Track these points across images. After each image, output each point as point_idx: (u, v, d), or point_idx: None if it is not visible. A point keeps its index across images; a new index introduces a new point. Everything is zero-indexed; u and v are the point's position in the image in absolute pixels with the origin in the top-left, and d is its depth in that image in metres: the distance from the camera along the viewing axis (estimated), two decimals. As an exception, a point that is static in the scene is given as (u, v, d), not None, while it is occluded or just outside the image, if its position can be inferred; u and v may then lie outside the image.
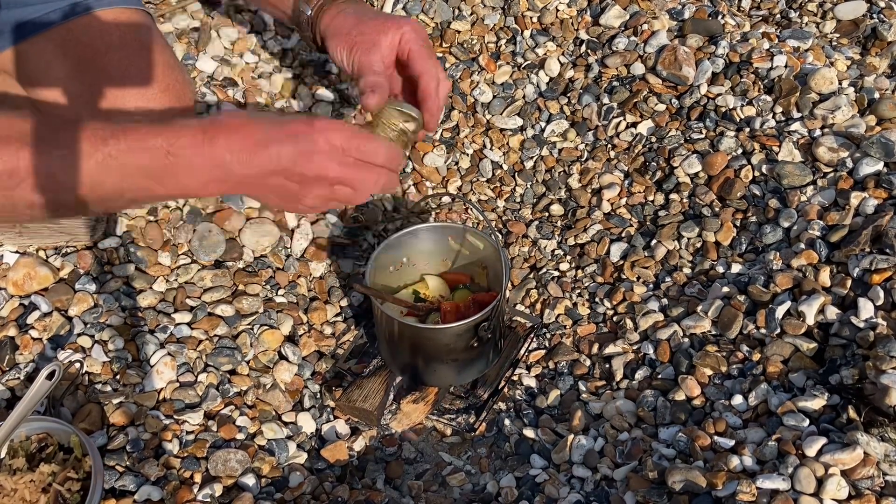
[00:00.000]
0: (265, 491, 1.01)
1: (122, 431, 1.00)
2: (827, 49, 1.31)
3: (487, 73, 1.45)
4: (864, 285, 0.98)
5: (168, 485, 0.96)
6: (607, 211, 1.30)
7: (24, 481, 0.89)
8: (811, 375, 0.95)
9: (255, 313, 1.16)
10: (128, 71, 1.08)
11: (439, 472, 1.09)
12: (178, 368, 1.07)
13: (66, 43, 1.07)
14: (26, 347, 1.05)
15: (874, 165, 1.09)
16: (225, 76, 1.34)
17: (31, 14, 1.06)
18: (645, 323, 1.13)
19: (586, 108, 1.39)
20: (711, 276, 1.14)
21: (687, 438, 0.94)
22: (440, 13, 1.49)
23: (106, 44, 1.08)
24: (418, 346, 1.08)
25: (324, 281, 1.26)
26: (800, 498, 0.81)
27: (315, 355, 1.18)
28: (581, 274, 1.26)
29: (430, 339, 1.06)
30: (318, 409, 1.14)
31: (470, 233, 1.15)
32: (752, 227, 1.15)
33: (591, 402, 1.09)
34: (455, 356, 1.08)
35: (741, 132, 1.24)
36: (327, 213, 1.31)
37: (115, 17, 1.09)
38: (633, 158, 1.32)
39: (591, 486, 0.98)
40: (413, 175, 1.40)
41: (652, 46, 1.37)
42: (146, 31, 1.13)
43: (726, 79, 1.30)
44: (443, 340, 1.06)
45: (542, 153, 1.40)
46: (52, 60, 1.07)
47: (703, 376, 1.02)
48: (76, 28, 1.07)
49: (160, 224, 1.18)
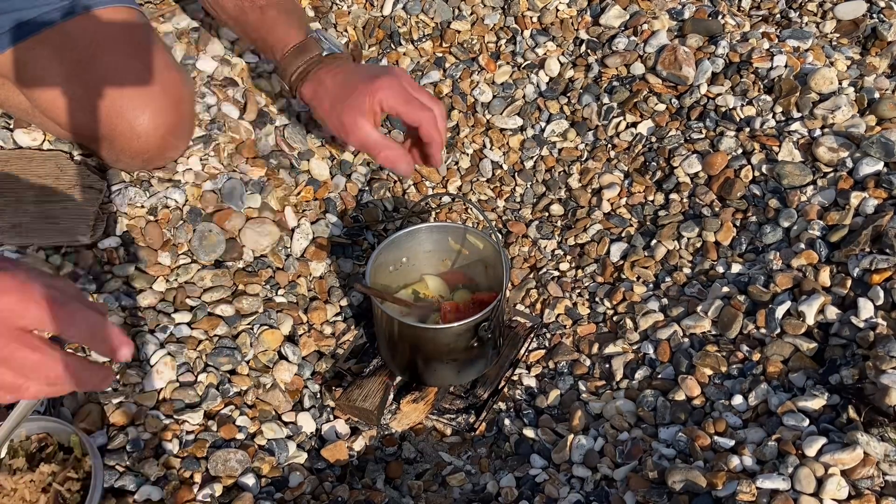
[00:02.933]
0: (265, 491, 1.01)
1: (122, 431, 1.00)
2: (827, 49, 1.31)
3: (487, 73, 1.45)
4: (864, 285, 0.98)
5: (168, 485, 0.96)
6: (607, 211, 1.30)
7: (24, 481, 0.89)
8: (811, 375, 0.95)
9: (254, 313, 1.16)
10: (125, 72, 1.08)
11: (439, 472, 1.09)
12: (178, 368, 1.07)
13: (63, 44, 1.07)
14: (26, 347, 1.05)
15: (874, 165, 1.09)
16: (225, 76, 1.34)
17: (29, 14, 1.06)
18: (645, 323, 1.13)
19: (586, 108, 1.39)
20: (711, 276, 1.14)
21: (687, 438, 0.94)
22: (440, 13, 1.49)
23: (102, 45, 1.08)
24: (418, 346, 1.08)
25: (324, 281, 1.26)
26: (800, 498, 0.81)
27: (315, 355, 1.18)
28: (581, 274, 1.26)
29: (430, 339, 1.06)
30: (318, 409, 1.14)
31: (470, 233, 1.15)
32: (752, 227, 1.15)
33: (591, 402, 1.09)
34: (455, 356, 1.08)
35: (741, 132, 1.24)
36: (327, 213, 1.31)
37: (111, 17, 1.09)
38: (633, 158, 1.32)
39: (591, 486, 0.98)
40: (413, 175, 1.40)
41: (652, 46, 1.37)
42: (143, 30, 1.13)
43: (726, 79, 1.30)
44: (443, 340, 1.05)
45: (542, 153, 1.40)
46: (52, 60, 1.07)
47: (703, 376, 1.02)
48: (73, 28, 1.07)
49: (160, 224, 1.18)
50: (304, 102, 1.14)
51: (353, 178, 1.37)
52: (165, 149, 1.15)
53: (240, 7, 1.14)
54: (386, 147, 1.06)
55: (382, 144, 1.06)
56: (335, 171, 1.36)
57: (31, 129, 1.22)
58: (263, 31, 1.13)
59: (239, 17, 1.15)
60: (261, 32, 1.14)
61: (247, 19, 1.14)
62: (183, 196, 1.20)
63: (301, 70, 1.11)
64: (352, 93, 1.05)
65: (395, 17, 1.49)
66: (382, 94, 1.04)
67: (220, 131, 1.27)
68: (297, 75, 1.11)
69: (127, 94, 1.08)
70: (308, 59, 1.11)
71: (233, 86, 1.33)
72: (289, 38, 1.12)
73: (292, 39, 1.11)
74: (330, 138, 1.36)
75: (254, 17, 1.13)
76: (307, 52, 1.11)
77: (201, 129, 1.26)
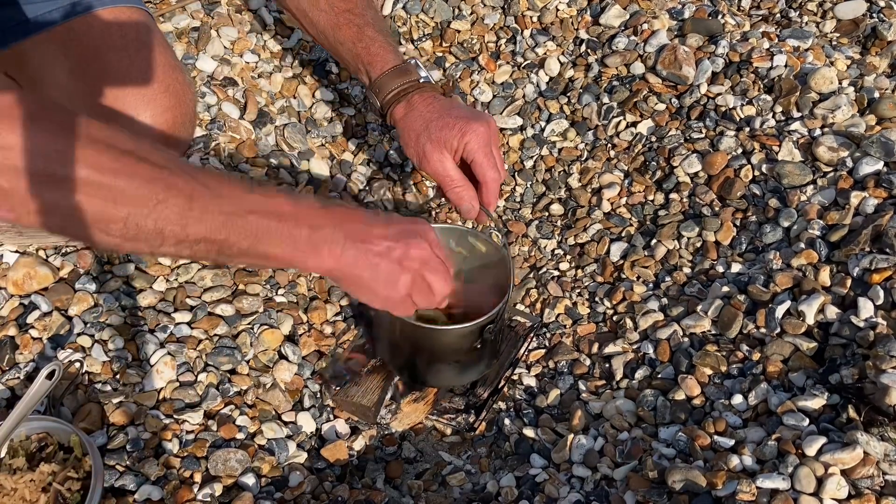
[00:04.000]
0: (265, 490, 1.01)
1: (122, 431, 1.00)
2: (827, 48, 1.31)
3: (487, 73, 1.45)
4: (864, 285, 0.98)
5: (168, 484, 0.96)
6: (607, 210, 1.30)
7: (24, 481, 0.89)
8: (811, 375, 0.95)
9: (254, 313, 1.16)
10: (129, 71, 1.08)
11: (439, 472, 1.09)
12: (177, 368, 1.07)
13: (67, 42, 1.07)
14: (26, 347, 1.05)
15: (874, 165, 1.09)
16: (225, 76, 1.34)
17: (31, 12, 1.06)
18: (645, 322, 1.13)
19: (586, 108, 1.39)
20: (711, 276, 1.14)
21: (687, 438, 0.94)
22: (440, 12, 1.49)
23: (107, 43, 1.08)
24: (421, 346, 1.08)
25: (324, 280, 1.26)
26: (800, 497, 0.81)
27: (315, 355, 1.18)
28: (581, 273, 1.26)
29: (435, 339, 1.06)
30: (317, 408, 1.14)
31: (472, 235, 1.15)
32: (752, 227, 1.15)
33: (591, 402, 1.09)
34: (458, 357, 1.08)
35: (741, 132, 1.24)
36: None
37: (115, 17, 1.09)
38: (633, 158, 1.32)
39: (591, 486, 0.98)
40: (413, 175, 1.40)
41: (652, 46, 1.37)
42: (147, 30, 1.13)
43: (726, 78, 1.30)
44: (447, 342, 1.05)
45: (541, 153, 1.39)
46: (54, 60, 1.07)
47: (703, 376, 1.02)
48: (77, 27, 1.07)
49: (160, 224, 1.17)
50: (391, 122, 1.14)
51: (353, 177, 1.37)
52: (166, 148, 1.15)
53: (334, 23, 1.13)
54: (460, 185, 1.09)
55: (458, 181, 1.09)
56: (335, 171, 1.36)
57: (31, 129, 1.21)
58: (359, 48, 1.13)
59: (331, 33, 1.14)
60: (356, 50, 1.13)
61: (341, 36, 1.14)
62: (183, 196, 1.20)
63: (397, 91, 1.11)
64: (443, 127, 1.07)
65: (396, 16, 1.49)
66: (471, 137, 1.06)
67: (220, 131, 1.27)
68: (392, 95, 1.11)
69: (129, 92, 1.08)
70: (406, 83, 1.11)
71: (233, 85, 1.33)
72: (387, 57, 1.12)
73: (391, 60, 1.12)
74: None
75: (349, 34, 1.13)
76: (406, 76, 1.11)
77: (201, 129, 1.26)
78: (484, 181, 1.08)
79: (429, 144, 1.07)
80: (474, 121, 1.07)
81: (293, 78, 1.41)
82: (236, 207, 0.73)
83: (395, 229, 0.85)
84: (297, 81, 1.40)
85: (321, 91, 1.42)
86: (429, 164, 1.09)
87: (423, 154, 1.08)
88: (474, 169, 1.08)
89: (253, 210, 0.74)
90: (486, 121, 1.08)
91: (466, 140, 1.06)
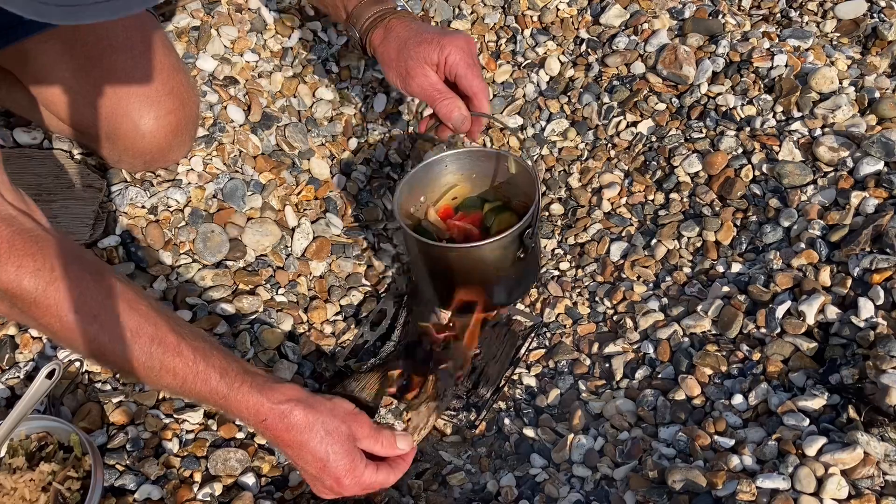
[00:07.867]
0: (265, 490, 1.01)
1: (121, 430, 1.00)
2: (827, 48, 1.31)
3: (488, 72, 1.45)
4: (864, 285, 0.98)
5: (168, 484, 0.96)
6: (607, 210, 1.30)
7: (24, 480, 0.89)
8: (811, 375, 0.95)
9: (255, 312, 1.16)
10: (133, 72, 1.08)
11: (439, 472, 1.09)
12: (178, 367, 1.07)
13: (72, 41, 1.07)
14: (26, 346, 1.05)
15: (874, 165, 1.09)
16: (226, 75, 1.33)
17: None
18: (645, 322, 1.13)
19: (586, 108, 1.39)
20: (711, 276, 1.14)
21: (687, 438, 0.94)
22: (440, 12, 1.48)
23: (112, 44, 1.08)
24: (464, 269, 1.07)
25: (324, 280, 1.26)
26: (800, 497, 0.81)
27: (315, 354, 1.18)
28: (581, 273, 1.26)
29: (476, 258, 1.05)
30: (318, 408, 1.14)
31: (496, 156, 1.16)
32: (753, 227, 1.15)
33: (591, 402, 1.09)
34: (503, 272, 1.07)
35: (741, 131, 1.24)
36: (328, 212, 1.31)
37: (122, 17, 1.10)
38: (634, 158, 1.32)
39: (591, 486, 0.98)
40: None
41: (652, 45, 1.37)
42: (152, 32, 1.13)
43: (727, 78, 1.30)
44: (489, 257, 1.05)
45: (542, 152, 1.39)
46: (58, 59, 1.07)
47: (703, 376, 1.02)
48: (82, 27, 1.07)
49: (161, 224, 1.18)
50: (371, 52, 1.12)
51: (354, 177, 1.37)
52: (168, 150, 1.15)
53: None
54: (446, 97, 1.06)
55: (447, 94, 1.06)
56: (335, 171, 1.36)
57: (31, 128, 1.22)
58: None
59: None
60: None
61: None
62: (184, 196, 1.20)
63: (374, 17, 1.10)
64: (421, 42, 1.05)
65: (396, 16, 1.49)
66: (451, 49, 1.04)
67: (221, 133, 1.27)
68: (369, 22, 1.10)
69: (133, 93, 1.08)
70: (382, 9, 1.10)
71: (234, 84, 1.33)
72: None
73: None
74: (332, 138, 1.36)
75: None
76: (382, 4, 1.11)
77: (203, 129, 1.26)
78: (473, 92, 1.06)
79: (410, 61, 1.05)
80: (452, 35, 1.06)
81: (293, 77, 1.40)
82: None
83: (326, 462, 0.85)
84: (298, 80, 1.40)
85: (321, 90, 1.42)
86: (413, 81, 1.06)
87: (406, 72, 1.06)
88: (459, 83, 1.06)
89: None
90: (463, 35, 1.07)
91: (447, 53, 1.04)
